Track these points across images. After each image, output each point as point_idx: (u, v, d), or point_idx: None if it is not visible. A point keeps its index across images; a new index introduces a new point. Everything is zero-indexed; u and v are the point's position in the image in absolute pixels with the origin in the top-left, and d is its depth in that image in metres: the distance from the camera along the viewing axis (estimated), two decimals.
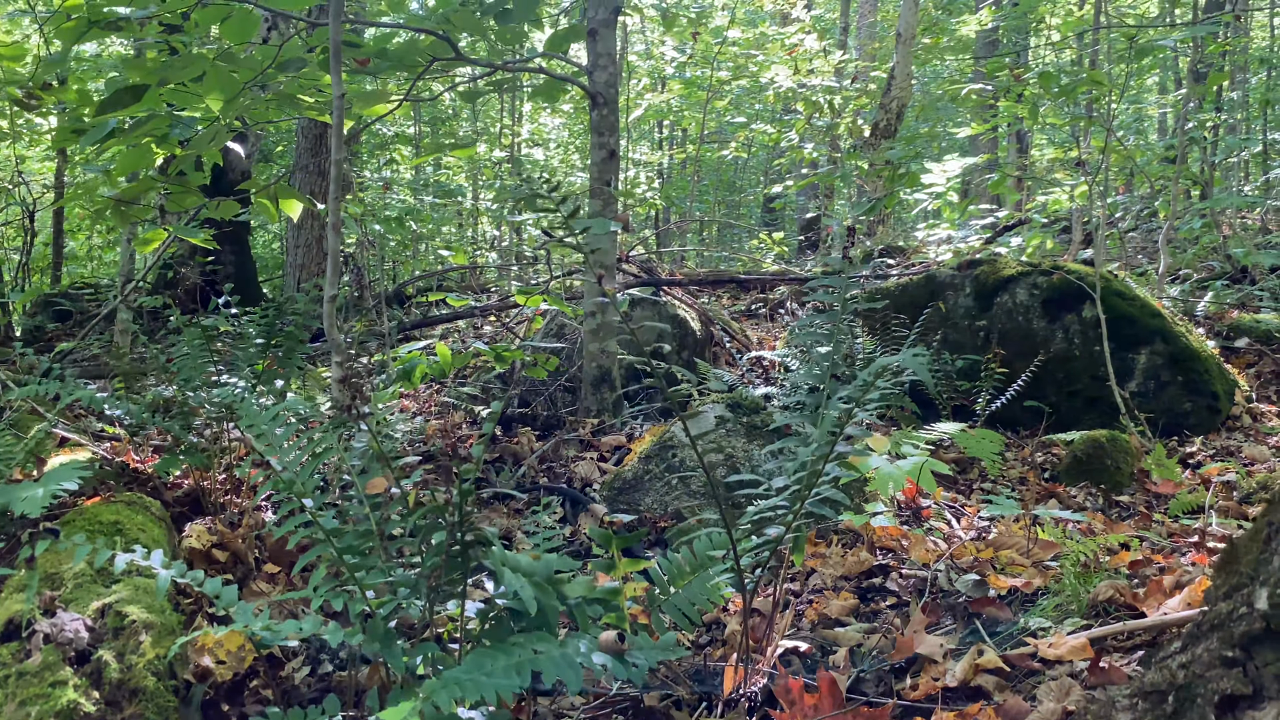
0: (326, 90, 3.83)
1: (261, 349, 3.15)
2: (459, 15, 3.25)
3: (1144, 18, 14.08)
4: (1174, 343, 5.55)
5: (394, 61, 3.64)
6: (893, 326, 5.98)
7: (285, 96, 3.75)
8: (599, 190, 3.69)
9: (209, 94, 3.51)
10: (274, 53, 3.51)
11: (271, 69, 3.57)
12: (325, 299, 2.43)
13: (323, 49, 3.67)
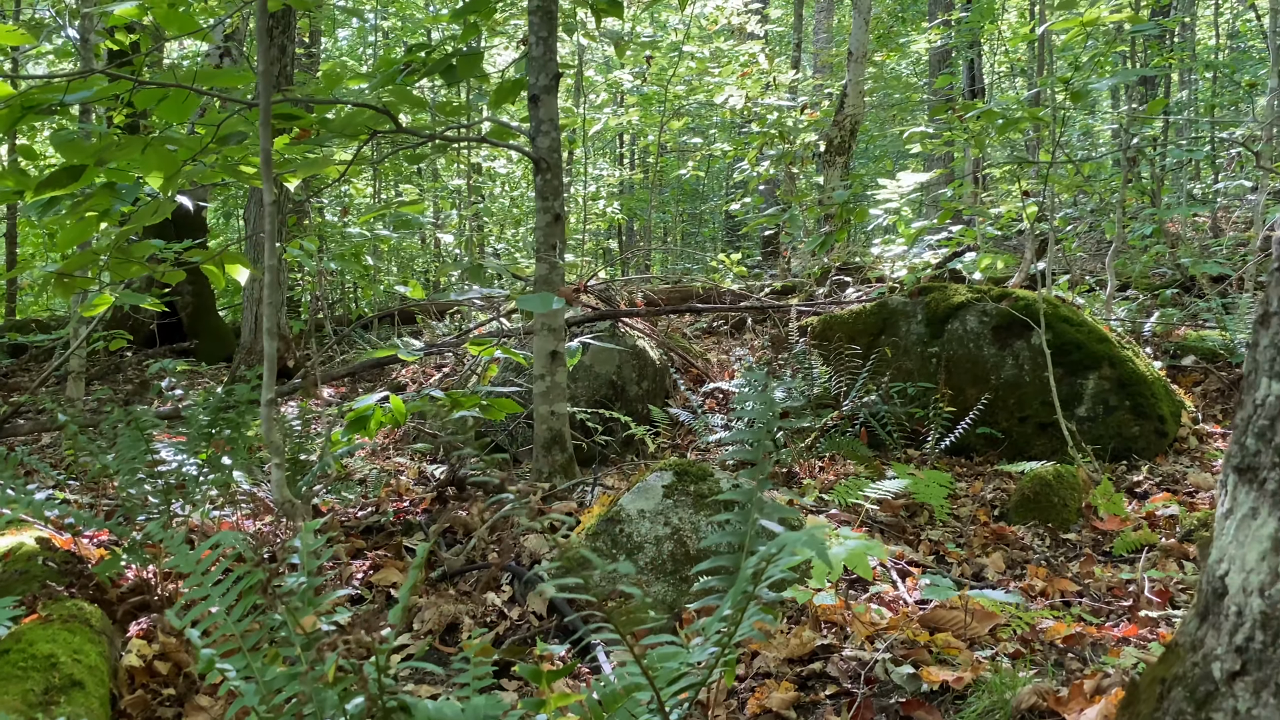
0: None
1: (206, 434, 3.14)
2: (398, 92, 3.26)
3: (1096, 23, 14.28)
4: (1121, 367, 5.65)
5: (335, 132, 3.65)
6: (846, 356, 6.06)
7: (227, 167, 3.74)
8: (545, 254, 3.71)
9: (149, 172, 3.49)
10: (215, 128, 3.50)
11: (213, 143, 3.56)
12: (263, 403, 2.43)
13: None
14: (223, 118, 3.51)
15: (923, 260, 8.44)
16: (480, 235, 9.71)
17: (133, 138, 3.35)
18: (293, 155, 3.88)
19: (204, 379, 7.93)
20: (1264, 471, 1.27)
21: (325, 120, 3.66)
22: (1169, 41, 10.86)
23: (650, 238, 14.96)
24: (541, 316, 3.73)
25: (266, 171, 2.44)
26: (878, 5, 12.56)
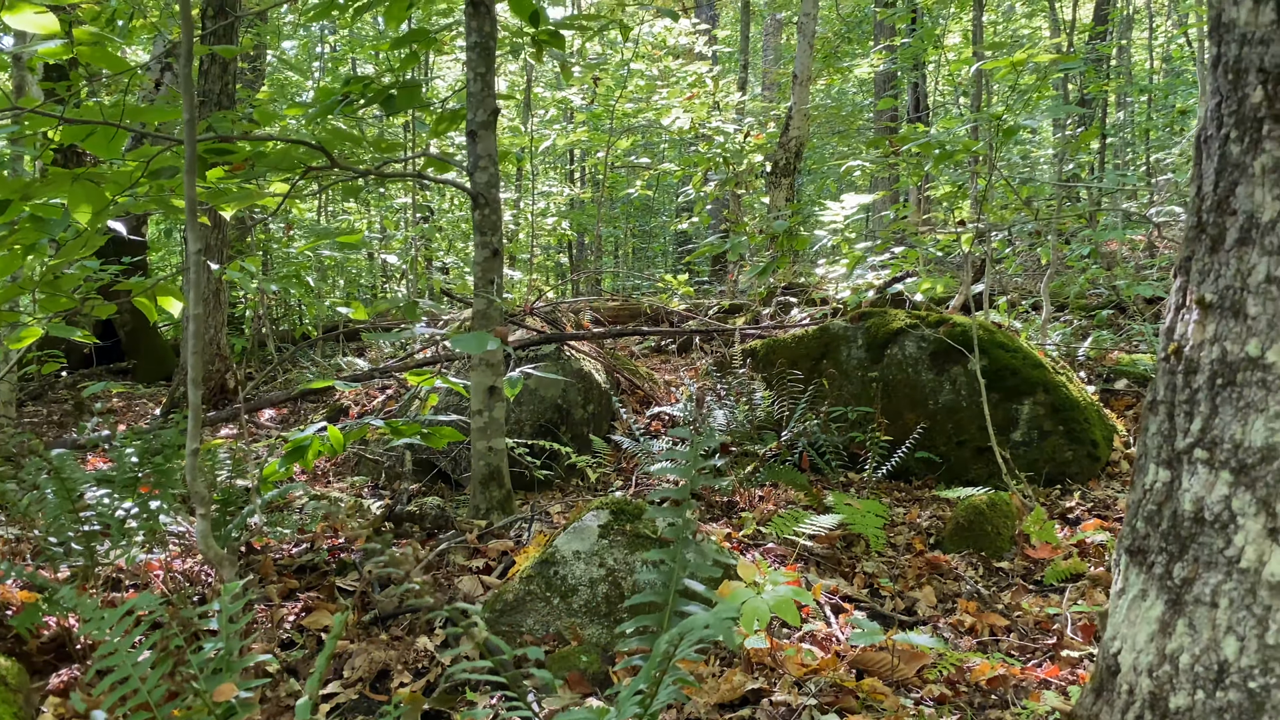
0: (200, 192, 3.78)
1: (133, 478, 3.09)
2: (333, 131, 3.24)
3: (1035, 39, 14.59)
4: (1055, 393, 5.77)
5: (270, 167, 3.61)
6: (788, 381, 6.12)
7: (159, 200, 3.69)
8: (483, 289, 3.70)
9: (76, 208, 3.43)
10: (145, 163, 3.45)
11: (144, 177, 3.51)
12: (188, 453, 2.40)
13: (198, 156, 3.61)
14: (154, 152, 3.46)
15: (865, 281, 8.56)
16: (428, 250, 9.65)
17: (60, 172, 3.28)
18: (228, 185, 3.83)
19: (141, 401, 7.78)
20: (1152, 555, 1.31)
21: (260, 154, 3.62)
22: (1105, 67, 11.13)
23: (600, 252, 14.97)
24: (480, 359, 3.72)
25: (192, 220, 2.41)
26: (825, 26, 12.72)
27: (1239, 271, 1.24)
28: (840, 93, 14.75)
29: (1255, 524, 1.23)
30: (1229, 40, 1.27)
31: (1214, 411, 1.27)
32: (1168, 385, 1.35)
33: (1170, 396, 1.34)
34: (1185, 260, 1.34)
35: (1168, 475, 1.32)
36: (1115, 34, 12.54)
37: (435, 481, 5.69)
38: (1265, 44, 1.21)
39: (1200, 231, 1.30)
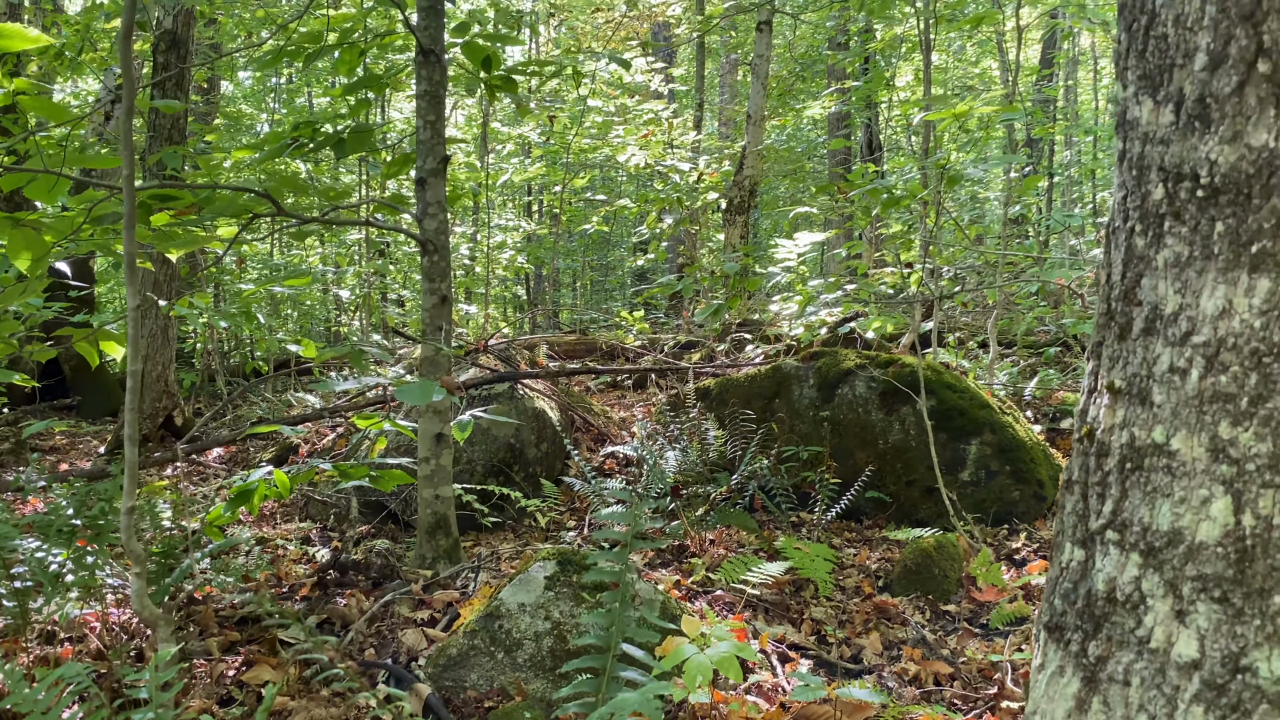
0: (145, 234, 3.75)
1: (70, 530, 3.03)
2: (280, 180, 3.23)
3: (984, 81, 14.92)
4: (1001, 433, 5.86)
5: (217, 213, 3.59)
6: (741, 420, 6.16)
7: (102, 245, 3.65)
8: (431, 336, 3.70)
9: (16, 255, 3.38)
10: (88, 210, 3.41)
11: (87, 223, 3.47)
12: (123, 511, 2.36)
13: (140, 203, 3.58)
14: (97, 198, 3.42)
15: (818, 319, 8.65)
16: (382, 285, 9.61)
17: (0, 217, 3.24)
18: (173, 230, 3.80)
19: (85, 438, 7.63)
20: (1069, 632, 1.34)
21: (207, 200, 3.60)
22: (1052, 108, 11.40)
23: (558, 285, 14.98)
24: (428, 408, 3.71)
25: (130, 275, 2.39)
26: (780, 65, 12.91)
27: (1145, 360, 1.29)
28: (795, 130, 14.97)
29: (1164, 605, 1.26)
30: (1133, 137, 1.32)
31: (1124, 494, 1.30)
32: (1082, 466, 1.39)
33: (1084, 477, 1.38)
34: (1097, 345, 1.39)
35: (1082, 554, 1.36)
36: (1061, 76, 12.86)
37: (385, 523, 5.64)
38: (1165, 144, 1.27)
39: (1110, 319, 1.35)
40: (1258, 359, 1.18)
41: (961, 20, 7.97)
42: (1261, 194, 1.17)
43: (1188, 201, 1.23)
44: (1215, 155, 1.21)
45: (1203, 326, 1.22)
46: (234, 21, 9.39)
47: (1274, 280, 1.17)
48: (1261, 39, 1.17)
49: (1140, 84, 1.31)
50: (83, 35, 6.96)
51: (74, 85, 10.97)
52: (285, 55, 4.27)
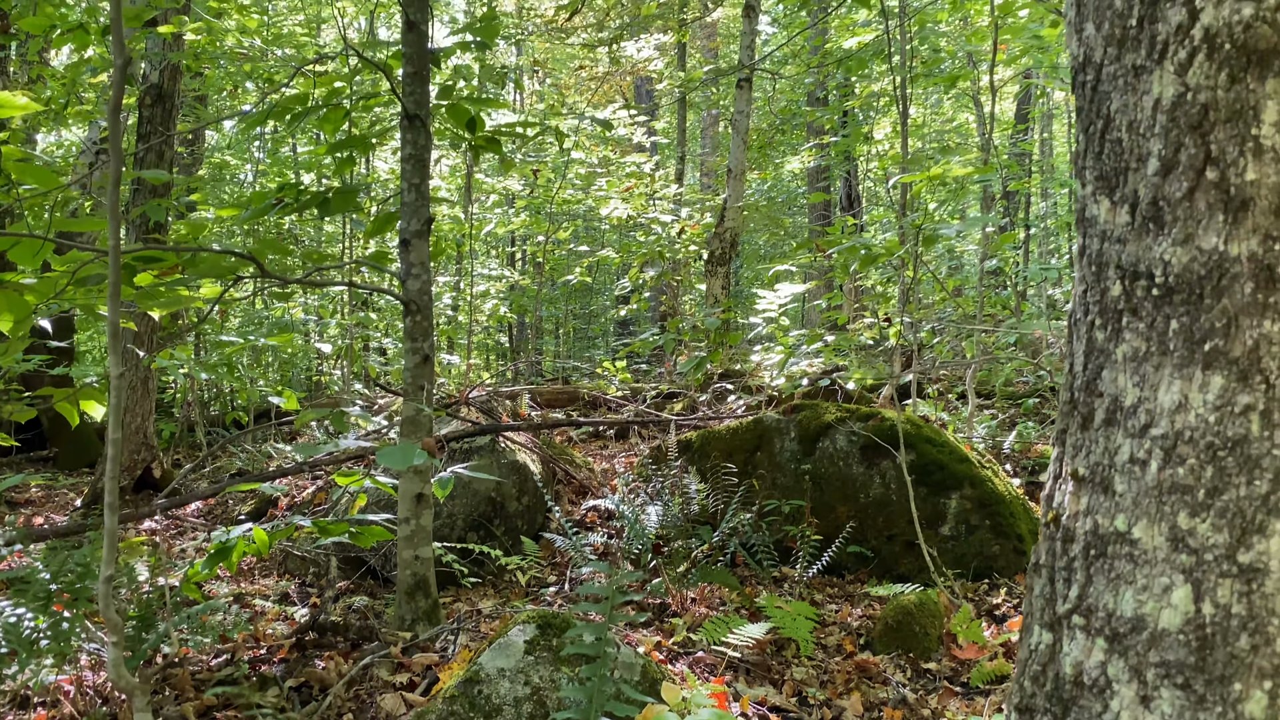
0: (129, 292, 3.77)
1: (46, 595, 3.01)
2: (264, 242, 3.26)
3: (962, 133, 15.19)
4: (981, 487, 5.90)
5: (200, 274, 3.62)
6: (723, 474, 6.18)
7: (85, 307, 3.66)
8: (413, 395, 3.72)
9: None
10: (72, 272, 3.44)
11: (70, 285, 3.49)
12: (101, 579, 2.36)
13: (124, 264, 3.61)
14: (82, 260, 3.45)
15: (799, 369, 8.71)
16: (364, 335, 9.62)
17: None
18: (157, 289, 3.82)
19: (61, 491, 7.56)
20: (1038, 715, 1.37)
21: (191, 261, 3.62)
22: (1027, 162, 11.61)
23: (541, 333, 15.02)
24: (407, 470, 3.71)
25: (114, 344, 2.40)
26: (761, 119, 13.12)
27: (1107, 450, 1.33)
28: (776, 182, 15.17)
29: (1129, 691, 1.29)
30: (1092, 234, 1.37)
31: (1089, 580, 1.34)
32: (1049, 550, 1.43)
33: (1051, 561, 1.42)
34: (1061, 433, 1.43)
35: (1050, 638, 1.39)
36: (1037, 129, 13.10)
37: (365, 578, 5.60)
38: (1122, 243, 1.32)
39: (1073, 408, 1.39)
40: (1213, 453, 1.23)
41: (937, 77, 8.15)
42: (1213, 295, 1.22)
43: (1144, 299, 1.28)
44: (1169, 256, 1.26)
45: (1161, 420, 1.26)
46: (220, 73, 9.48)
47: (1226, 378, 1.22)
48: (1209, 148, 1.23)
49: (1098, 184, 1.36)
50: (69, 89, 7.01)
51: (58, 135, 11.01)
52: (270, 116, 4.32)
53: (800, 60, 10.41)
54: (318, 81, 4.22)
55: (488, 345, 14.65)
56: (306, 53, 8.41)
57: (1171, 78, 1.27)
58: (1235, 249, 1.21)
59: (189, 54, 7.22)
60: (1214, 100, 1.23)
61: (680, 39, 10.92)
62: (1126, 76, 1.32)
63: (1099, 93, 1.36)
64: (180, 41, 7.29)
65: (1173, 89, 1.27)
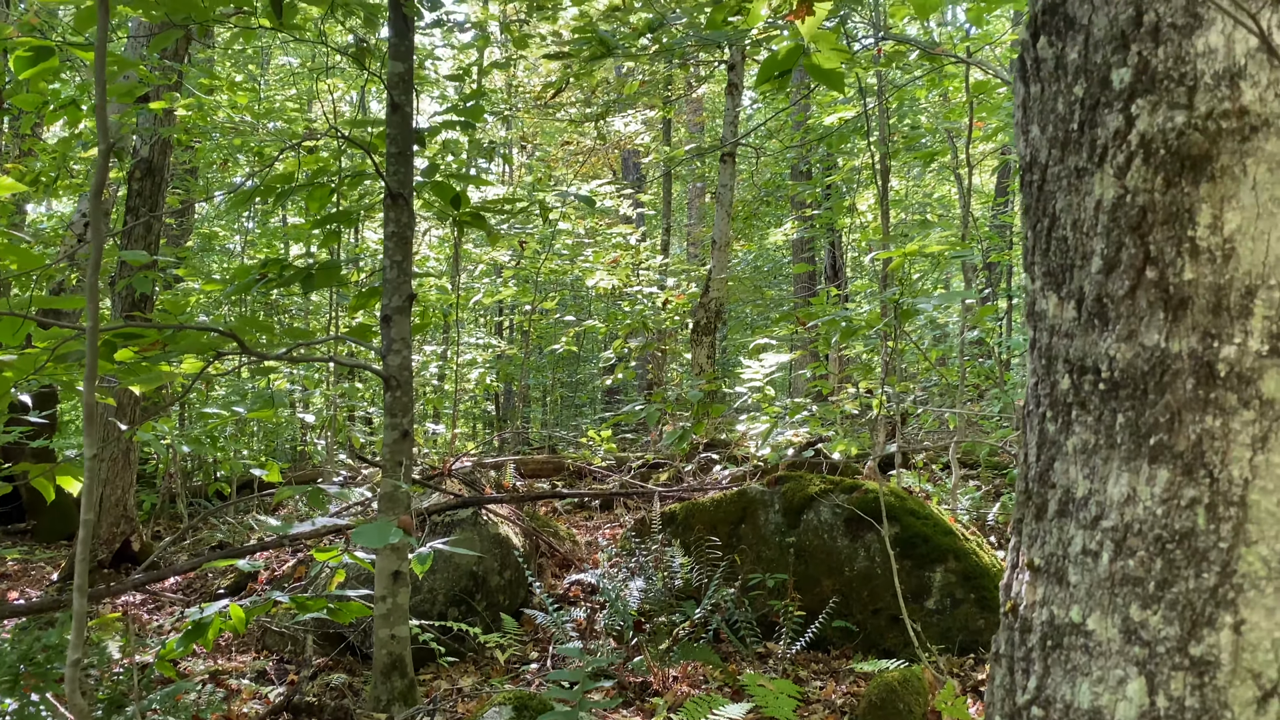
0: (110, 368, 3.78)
1: (14, 676, 2.97)
2: (245, 320, 3.30)
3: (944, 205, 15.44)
4: (965, 560, 5.88)
5: (182, 351, 3.64)
6: (707, 548, 6.14)
7: (66, 383, 3.67)
8: (391, 471, 3.72)
9: None
10: (53, 349, 3.45)
11: (50, 362, 3.50)
12: (69, 663, 2.33)
13: (105, 340, 3.63)
14: (62, 337, 3.46)
15: (785, 439, 8.72)
16: (348, 406, 9.61)
17: None
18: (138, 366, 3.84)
19: (38, 565, 7.46)
20: None
21: (173, 337, 3.65)
22: (1009, 234, 11.79)
23: (527, 401, 15.02)
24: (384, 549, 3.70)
25: (90, 426, 2.41)
26: (745, 190, 13.33)
27: (1060, 541, 1.34)
28: (761, 252, 15.36)
29: None
30: (1041, 328, 1.41)
31: (1047, 671, 1.35)
32: (1008, 640, 1.44)
33: (1010, 651, 1.42)
34: (1017, 522, 1.45)
35: None
36: (1016, 203, 13.34)
37: (344, 654, 5.52)
38: (1070, 337, 1.35)
39: (1027, 498, 1.41)
40: (1161, 545, 1.24)
41: (917, 153, 8.33)
42: (1156, 390, 1.26)
43: (1092, 393, 1.32)
44: (1114, 352, 1.30)
45: (1111, 512, 1.28)
46: (211, 146, 9.61)
47: (1172, 471, 1.24)
48: (1149, 248, 1.27)
49: (1045, 279, 1.41)
50: (59, 163, 7.10)
51: (48, 207, 11.11)
52: (257, 194, 4.39)
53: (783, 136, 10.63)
54: (304, 161, 4.30)
55: (474, 414, 14.63)
56: (297, 127, 8.55)
57: (1111, 180, 1.32)
58: (1176, 346, 1.25)
59: (180, 129, 7.33)
60: (1151, 202, 1.28)
61: (666, 115, 11.16)
62: (1070, 177, 1.37)
63: (1045, 192, 1.41)
64: (171, 117, 7.41)
65: (1113, 191, 1.31)
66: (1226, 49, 1.27)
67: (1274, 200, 1.23)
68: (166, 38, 3.86)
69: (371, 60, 5.09)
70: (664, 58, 6.71)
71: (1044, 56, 1.42)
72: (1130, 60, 1.31)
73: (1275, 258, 1.22)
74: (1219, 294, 1.24)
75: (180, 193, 8.81)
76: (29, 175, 7.41)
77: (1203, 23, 1.28)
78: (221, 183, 11.39)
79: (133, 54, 7.69)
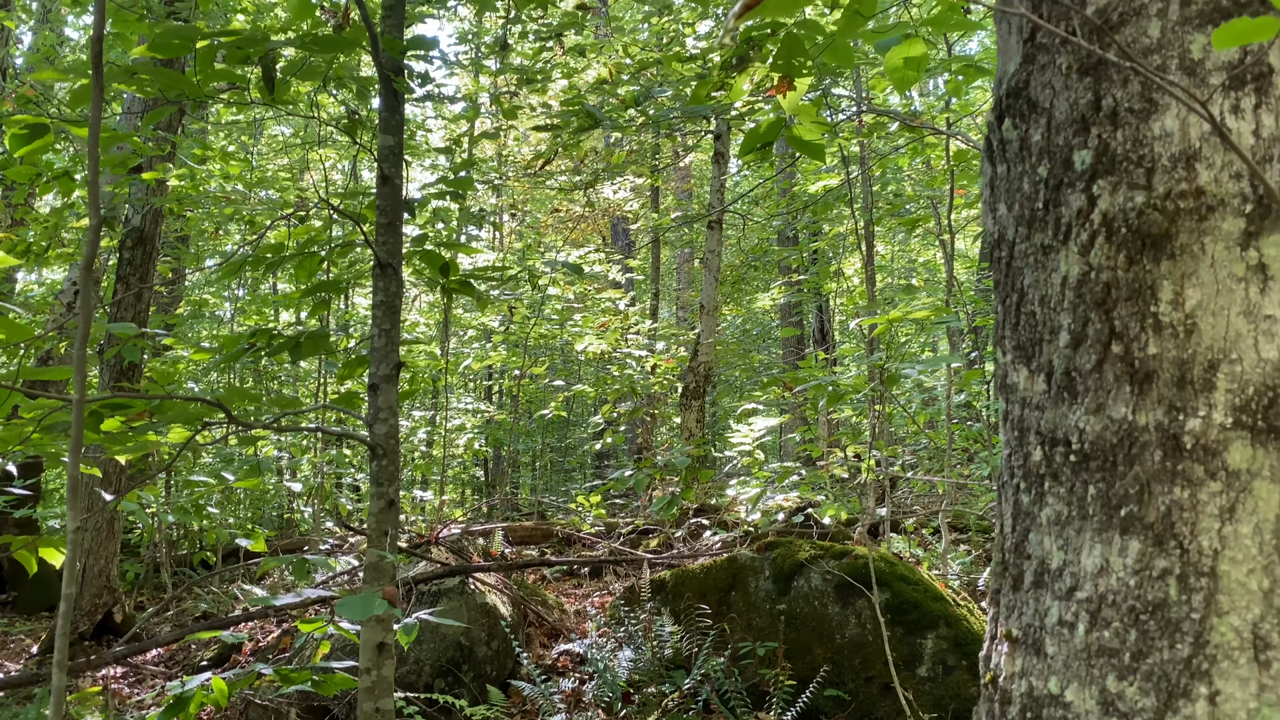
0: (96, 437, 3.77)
1: None
2: (232, 390, 3.32)
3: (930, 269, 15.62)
4: (957, 626, 5.84)
5: (168, 421, 3.64)
6: (696, 615, 6.09)
7: (52, 456, 3.67)
8: (376, 542, 3.69)
9: None
10: (39, 420, 3.45)
11: (36, 434, 3.50)
12: None
13: (91, 411, 3.63)
14: (49, 408, 3.47)
15: (775, 504, 8.69)
16: (336, 473, 9.56)
17: None
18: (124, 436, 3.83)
19: (18, 637, 7.34)
20: None
21: (159, 407, 3.65)
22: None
23: (517, 466, 14.96)
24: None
25: (73, 500, 2.41)
26: (733, 255, 13.48)
27: (1037, 612, 1.36)
28: (749, 316, 15.47)
29: None
30: (1013, 400, 1.44)
31: None
32: (988, 712, 1.44)
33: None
34: (995, 593, 1.46)
35: None
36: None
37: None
38: (1040, 410, 1.38)
39: (1004, 569, 1.43)
40: (1135, 616, 1.26)
41: (900, 219, 8.46)
42: (1125, 462, 1.28)
43: (1063, 465, 1.34)
44: (1083, 424, 1.32)
45: (1085, 583, 1.30)
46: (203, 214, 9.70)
47: (1143, 542, 1.26)
48: (1114, 323, 1.31)
49: (1016, 353, 1.44)
50: (51, 233, 7.16)
51: (39, 275, 11.16)
52: (248, 264, 4.43)
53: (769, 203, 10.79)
54: (295, 232, 4.36)
55: (463, 480, 14.56)
56: (289, 196, 8.65)
57: (1076, 257, 1.36)
58: (1143, 419, 1.28)
59: (172, 198, 7.41)
60: (1115, 279, 1.32)
61: (654, 183, 11.33)
62: (1036, 254, 1.41)
63: (1013, 268, 1.45)
64: (164, 186, 7.49)
65: (1077, 268, 1.35)
66: (1182, 132, 1.32)
67: (1232, 277, 1.27)
68: (160, 113, 3.93)
69: (363, 132, 5.19)
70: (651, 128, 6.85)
71: (1009, 138, 1.47)
72: (1091, 143, 1.36)
73: (1236, 333, 1.26)
74: (1183, 368, 1.27)
75: (171, 261, 8.86)
76: (20, 245, 7.46)
77: (1158, 107, 1.33)
78: (213, 250, 11.47)
79: (127, 126, 7.81)
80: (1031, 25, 1.44)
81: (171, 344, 6.64)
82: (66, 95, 6.78)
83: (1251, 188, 1.28)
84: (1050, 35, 1.41)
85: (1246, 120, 1.31)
